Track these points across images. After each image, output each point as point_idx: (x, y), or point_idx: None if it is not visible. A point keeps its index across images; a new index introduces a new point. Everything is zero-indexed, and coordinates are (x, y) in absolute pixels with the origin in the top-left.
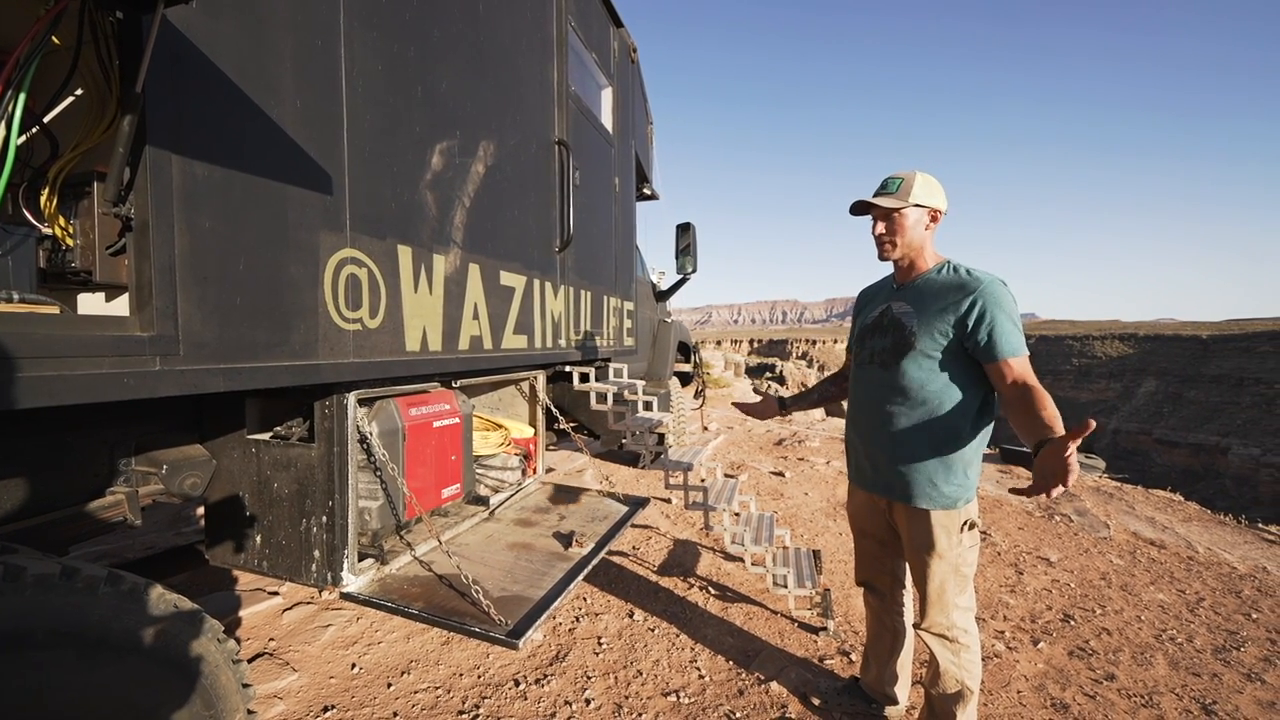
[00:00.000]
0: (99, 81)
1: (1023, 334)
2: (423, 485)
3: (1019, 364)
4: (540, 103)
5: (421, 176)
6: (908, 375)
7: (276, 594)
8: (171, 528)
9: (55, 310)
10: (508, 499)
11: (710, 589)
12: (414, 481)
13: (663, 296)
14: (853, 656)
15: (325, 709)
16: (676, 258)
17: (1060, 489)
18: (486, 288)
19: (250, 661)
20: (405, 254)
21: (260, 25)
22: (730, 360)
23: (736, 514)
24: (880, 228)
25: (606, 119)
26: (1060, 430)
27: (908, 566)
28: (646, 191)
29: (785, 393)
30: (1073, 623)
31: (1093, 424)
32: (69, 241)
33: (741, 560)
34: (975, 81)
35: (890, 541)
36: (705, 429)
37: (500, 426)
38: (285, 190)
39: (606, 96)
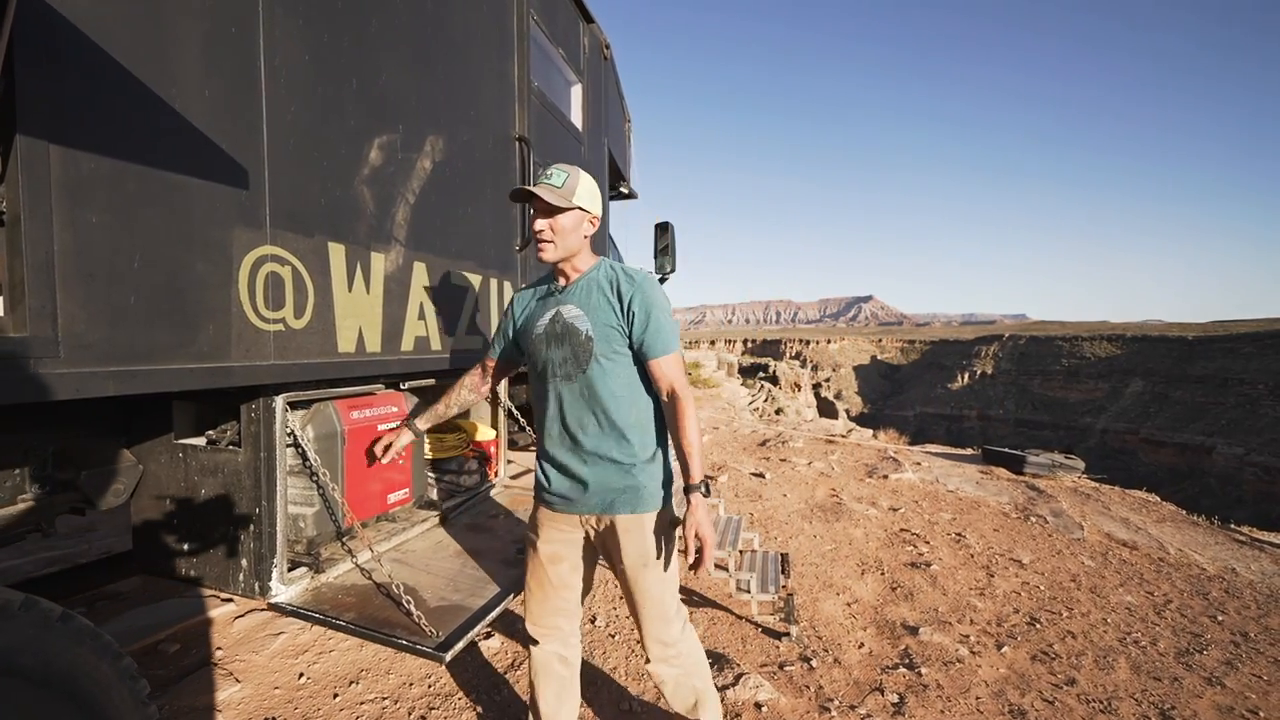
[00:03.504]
0: None
1: (677, 332)
2: (366, 490)
3: (670, 361)
4: (498, 98)
5: (357, 172)
6: (596, 382)
7: (230, 600)
8: (121, 535)
9: None
10: (462, 504)
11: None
12: (355, 487)
13: None
14: (814, 663)
15: None
16: (655, 257)
17: (706, 560)
18: (434, 287)
19: (194, 672)
20: (338, 251)
21: (158, 9)
22: (723, 360)
23: None
24: (542, 224)
25: (576, 116)
26: (695, 470)
27: (624, 596)
28: (624, 190)
29: (779, 394)
30: (1038, 626)
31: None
32: None
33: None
34: (960, 78)
35: (583, 568)
36: None
37: (459, 429)
38: (190, 184)
39: (576, 93)
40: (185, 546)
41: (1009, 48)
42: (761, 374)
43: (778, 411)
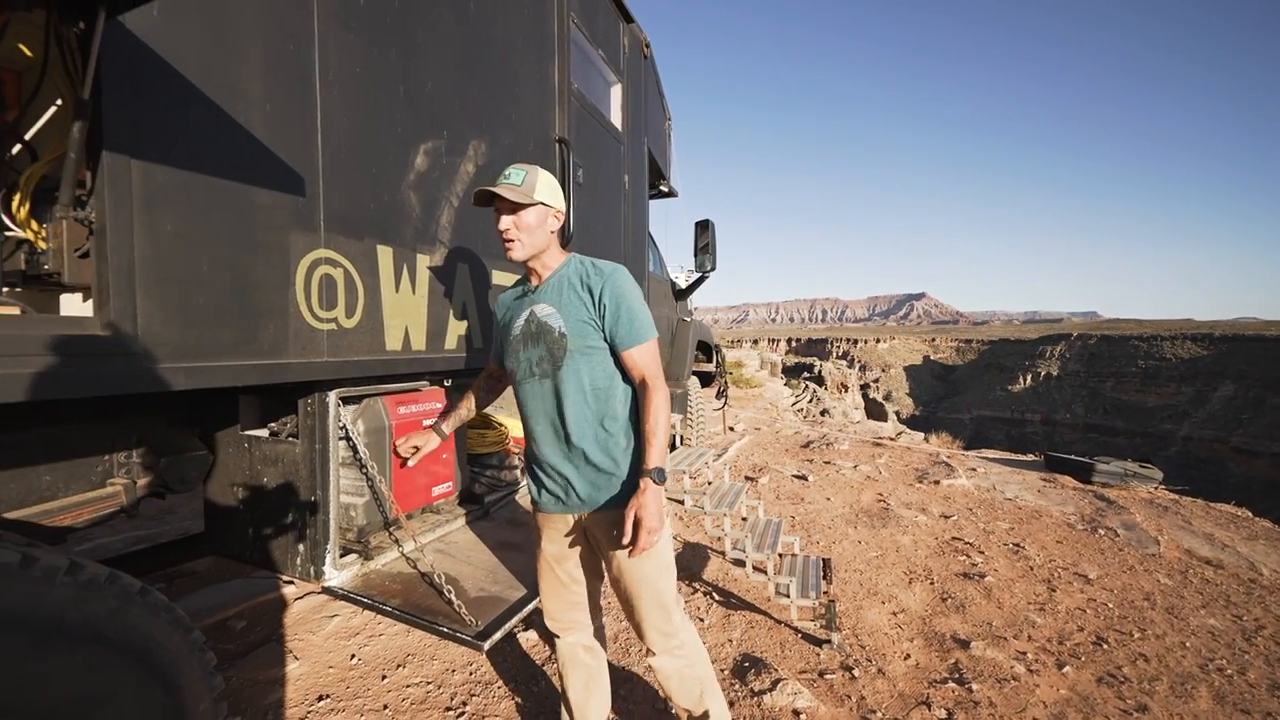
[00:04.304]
0: (66, 92)
1: (650, 321)
2: (412, 483)
3: (642, 351)
4: (539, 101)
5: (404, 177)
6: (572, 378)
7: (291, 583)
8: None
9: (16, 311)
10: (503, 498)
11: (715, 595)
12: (402, 479)
13: (682, 295)
14: (856, 672)
15: (320, 698)
16: (695, 255)
17: (641, 545)
18: (477, 287)
19: (258, 648)
20: (385, 254)
21: (225, 31)
22: (766, 359)
23: (744, 519)
24: (506, 222)
25: (616, 116)
26: (653, 455)
27: (616, 589)
28: (663, 189)
29: (825, 395)
30: (1106, 646)
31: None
32: (42, 245)
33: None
34: (1022, 69)
35: (588, 563)
36: (730, 430)
37: (499, 425)
38: (253, 193)
39: (615, 93)
40: (249, 530)
41: (1075, 27)
42: (806, 374)
43: (823, 413)
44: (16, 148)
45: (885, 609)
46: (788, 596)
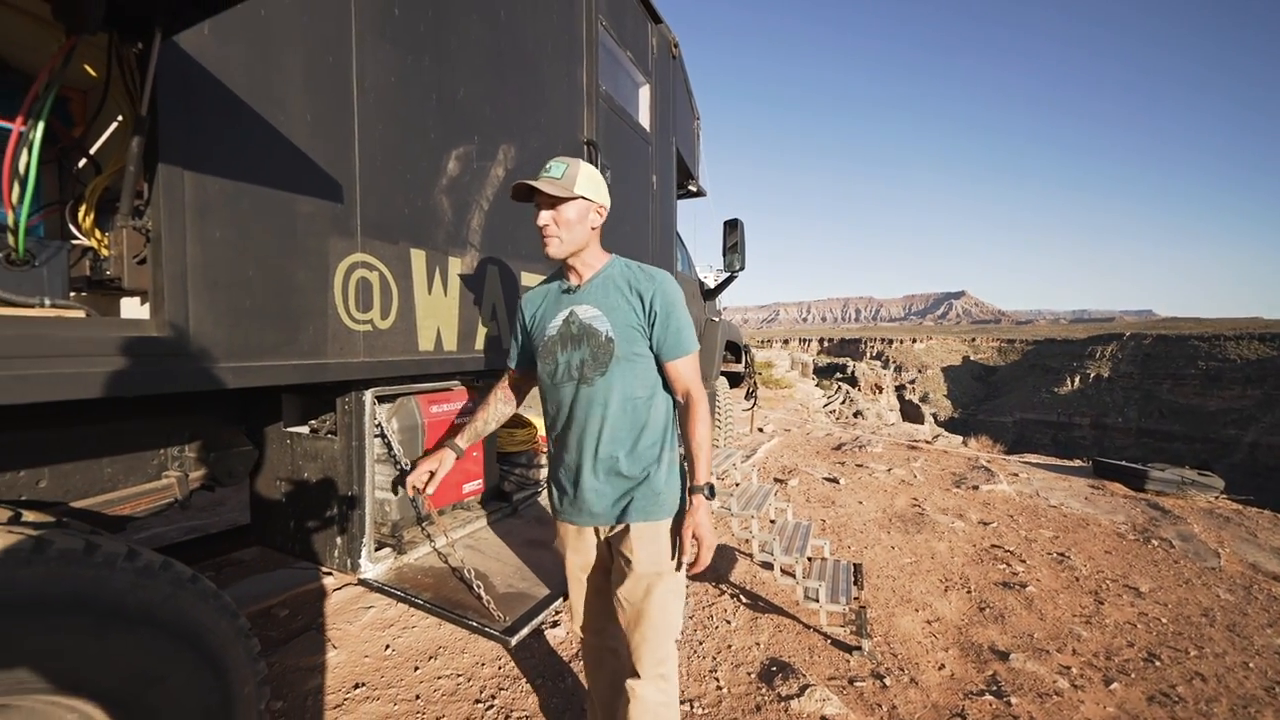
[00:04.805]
0: (127, 108)
1: (694, 331)
2: (445, 480)
3: (688, 363)
4: (567, 104)
5: (436, 182)
6: (616, 384)
7: (330, 574)
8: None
9: (81, 314)
10: (530, 496)
11: (742, 597)
12: None
13: (710, 295)
14: (887, 681)
15: (356, 685)
16: (724, 255)
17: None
18: (506, 289)
19: (300, 635)
20: (419, 257)
21: (270, 46)
22: (797, 360)
23: (772, 521)
24: (545, 217)
25: (644, 116)
26: (701, 471)
27: (623, 605)
28: (692, 188)
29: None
30: (1158, 663)
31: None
32: (104, 252)
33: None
34: (1069, 65)
35: (611, 573)
36: (759, 430)
37: (529, 424)
38: (295, 200)
39: (644, 94)
40: (291, 522)
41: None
42: (839, 375)
43: (856, 414)
44: (82, 161)
45: (919, 617)
46: (817, 601)
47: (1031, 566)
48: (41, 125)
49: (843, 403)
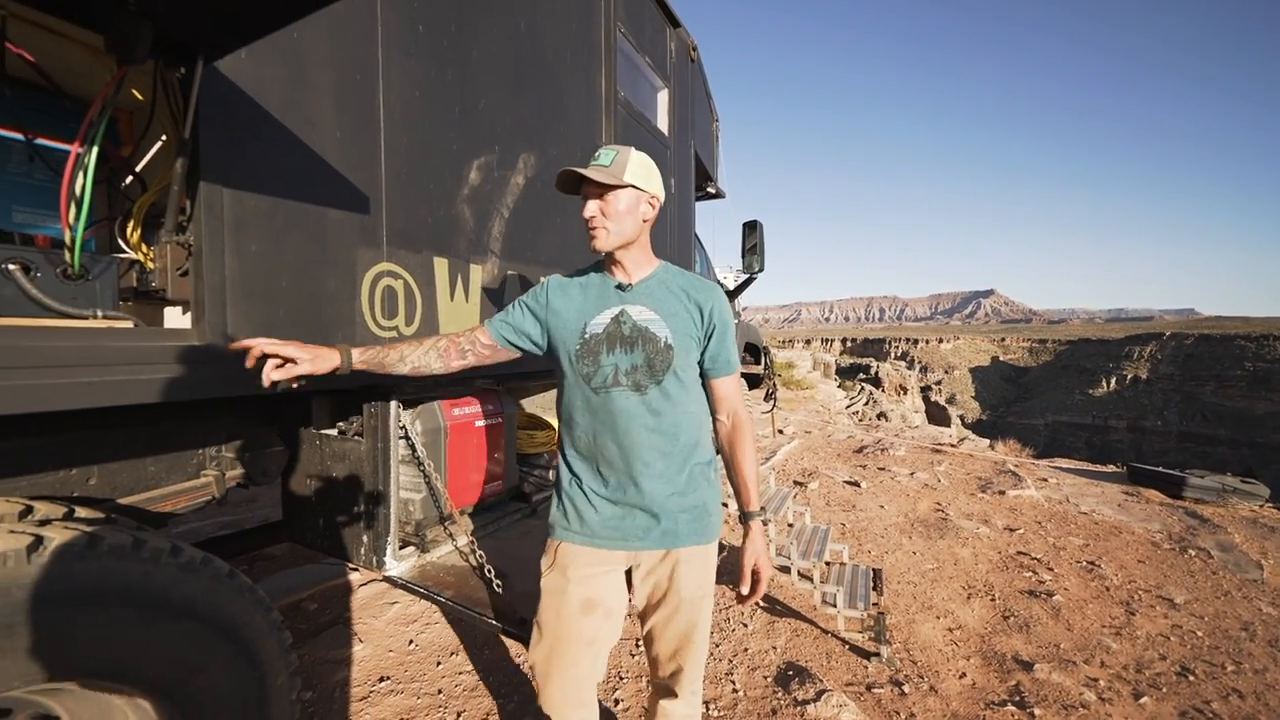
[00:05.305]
0: (171, 128)
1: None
2: (464, 481)
3: (736, 381)
4: (586, 111)
5: (458, 192)
6: (672, 396)
7: (356, 570)
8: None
9: (130, 324)
10: (549, 498)
11: (759, 600)
12: (456, 477)
13: (730, 296)
14: (906, 688)
15: (381, 679)
16: (743, 256)
17: (758, 593)
18: None
19: (328, 629)
20: (441, 265)
21: (302, 66)
22: (819, 360)
23: (790, 524)
24: (592, 208)
25: (662, 120)
26: (755, 496)
27: (664, 633)
28: (710, 190)
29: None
30: (1192, 678)
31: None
32: (149, 265)
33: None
34: (1103, 62)
35: (615, 611)
36: (779, 433)
37: (549, 426)
38: (325, 213)
39: (662, 98)
40: (320, 520)
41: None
42: (862, 375)
43: (879, 416)
44: (128, 179)
45: (940, 624)
46: (835, 606)
47: (1059, 575)
48: (96, 149)
49: (866, 404)
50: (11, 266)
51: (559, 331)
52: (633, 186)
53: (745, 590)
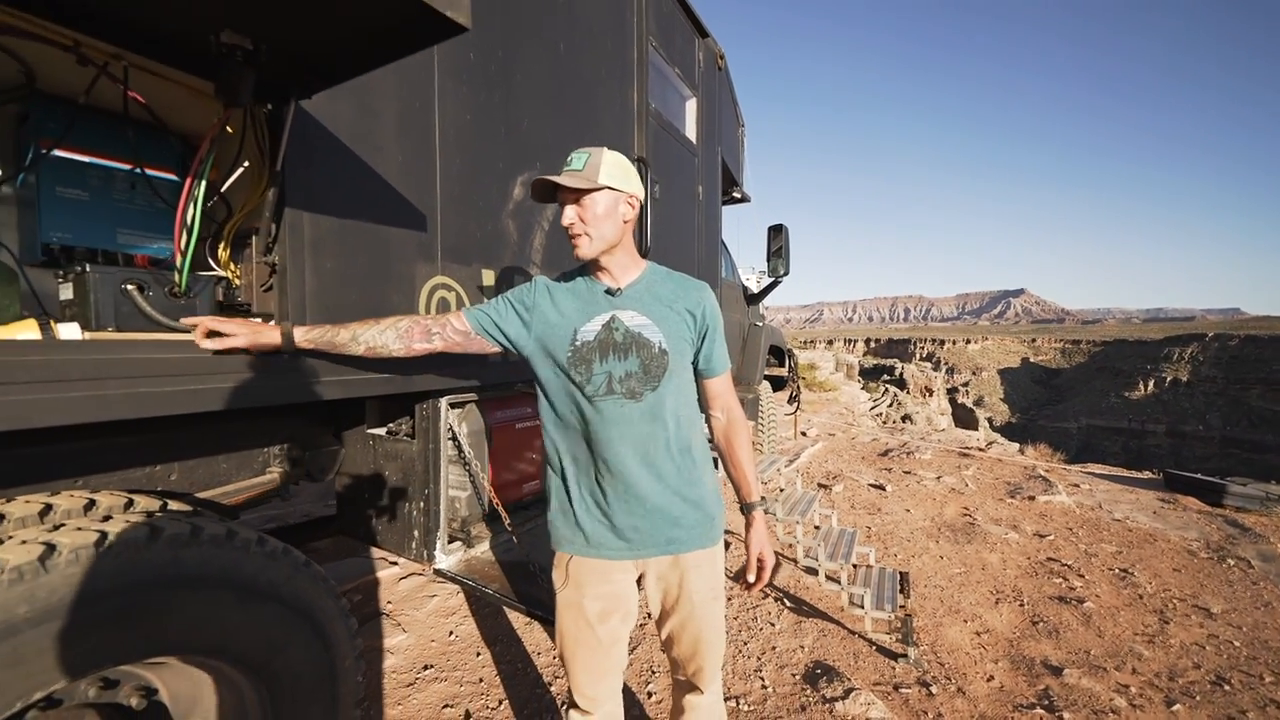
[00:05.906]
0: (256, 157)
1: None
2: (507, 480)
3: (728, 379)
4: (619, 124)
5: (504, 207)
6: (668, 401)
7: (396, 564)
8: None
9: None
10: None
11: (786, 600)
12: (498, 476)
13: (754, 300)
14: (933, 689)
15: (425, 667)
16: (768, 260)
17: (764, 580)
18: None
19: (373, 619)
20: (489, 276)
21: (370, 99)
22: (842, 361)
23: (816, 527)
24: (570, 214)
25: (690, 129)
26: (755, 487)
27: (681, 637)
28: (736, 195)
29: (906, 399)
30: (1227, 688)
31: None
32: (237, 282)
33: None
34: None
35: (634, 611)
36: (803, 435)
37: None
38: (388, 232)
39: (690, 107)
40: (372, 516)
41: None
42: (886, 377)
43: (904, 418)
44: (212, 200)
45: (968, 628)
46: (862, 607)
47: (1090, 582)
48: (204, 184)
49: (890, 406)
50: (129, 286)
51: (546, 338)
52: (609, 188)
53: (752, 578)
